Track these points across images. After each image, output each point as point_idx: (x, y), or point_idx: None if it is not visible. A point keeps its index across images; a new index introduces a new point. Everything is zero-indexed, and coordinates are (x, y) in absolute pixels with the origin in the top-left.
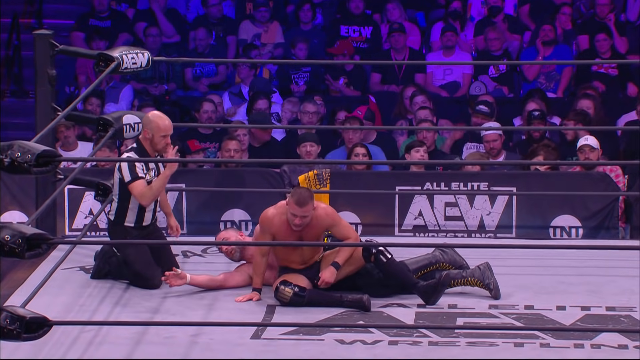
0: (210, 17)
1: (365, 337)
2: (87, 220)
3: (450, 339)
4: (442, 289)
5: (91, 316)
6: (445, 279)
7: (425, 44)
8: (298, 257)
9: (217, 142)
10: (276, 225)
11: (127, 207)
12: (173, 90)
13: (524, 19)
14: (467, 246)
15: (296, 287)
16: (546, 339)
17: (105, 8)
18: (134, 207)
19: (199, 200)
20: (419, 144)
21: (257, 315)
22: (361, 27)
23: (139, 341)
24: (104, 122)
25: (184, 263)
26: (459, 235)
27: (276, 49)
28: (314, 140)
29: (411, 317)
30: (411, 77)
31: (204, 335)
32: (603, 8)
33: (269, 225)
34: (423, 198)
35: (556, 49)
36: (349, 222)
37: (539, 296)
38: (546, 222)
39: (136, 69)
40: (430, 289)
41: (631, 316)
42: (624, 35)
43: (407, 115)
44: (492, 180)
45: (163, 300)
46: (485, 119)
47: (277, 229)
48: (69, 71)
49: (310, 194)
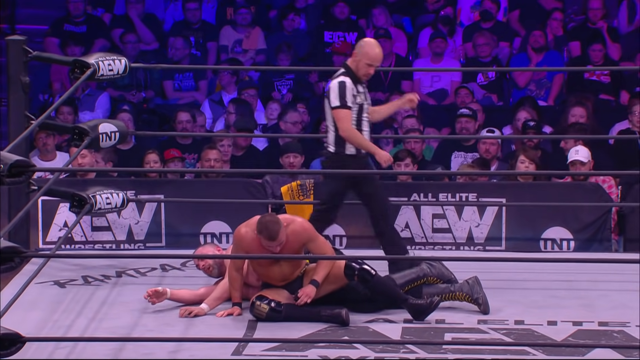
0: (189, 23)
1: (350, 353)
2: (61, 233)
3: (438, 355)
4: (430, 312)
5: (66, 332)
6: (435, 305)
7: (412, 50)
8: (278, 273)
9: (197, 153)
10: (249, 243)
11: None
12: (151, 98)
13: (513, 24)
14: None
15: (272, 302)
16: (537, 355)
17: (81, 13)
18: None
19: (178, 212)
20: (406, 154)
21: (238, 331)
22: (346, 32)
23: (116, 357)
24: (79, 131)
25: (163, 277)
26: (447, 248)
27: (258, 55)
28: (297, 151)
29: (398, 333)
30: (397, 84)
31: (184, 351)
32: (596, 13)
33: (242, 243)
34: (410, 209)
35: (547, 56)
36: (334, 234)
37: (530, 311)
38: (537, 234)
39: (113, 76)
40: (419, 308)
41: (624, 331)
42: (616, 42)
43: (393, 124)
44: (481, 191)
45: (141, 315)
46: (470, 121)
47: (250, 247)
48: (43, 78)
49: (275, 219)
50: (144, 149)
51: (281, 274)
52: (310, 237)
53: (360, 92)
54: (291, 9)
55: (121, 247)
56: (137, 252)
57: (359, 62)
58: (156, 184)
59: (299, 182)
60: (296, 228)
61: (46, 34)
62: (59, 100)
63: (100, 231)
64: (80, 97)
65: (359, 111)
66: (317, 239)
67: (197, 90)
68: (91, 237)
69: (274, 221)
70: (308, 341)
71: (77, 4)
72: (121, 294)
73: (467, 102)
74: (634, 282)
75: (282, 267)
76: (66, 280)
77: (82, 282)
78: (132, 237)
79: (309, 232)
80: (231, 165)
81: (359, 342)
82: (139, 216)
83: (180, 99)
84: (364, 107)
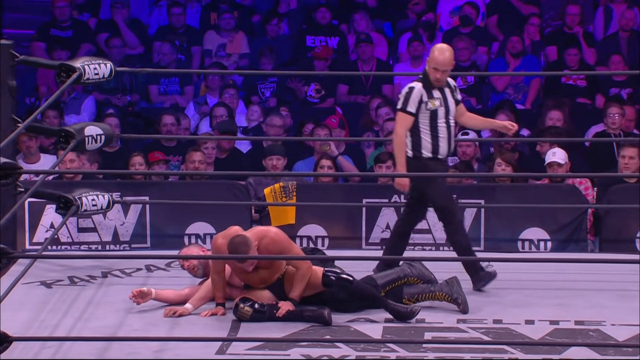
0: (174, 28)
1: (332, 352)
2: (48, 234)
3: (418, 353)
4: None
5: (52, 332)
6: (414, 314)
7: (392, 55)
8: (257, 278)
9: (181, 155)
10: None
11: (419, 138)
12: (137, 101)
13: (492, 29)
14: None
15: (256, 304)
16: (515, 354)
17: (67, 18)
18: (426, 137)
19: (163, 213)
20: (387, 156)
21: (222, 330)
22: (328, 37)
23: (101, 357)
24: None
25: (148, 277)
26: (427, 249)
27: (242, 59)
28: (280, 153)
29: (379, 332)
30: (378, 88)
31: (169, 351)
32: (573, 18)
33: (218, 253)
34: (390, 210)
35: (524, 60)
36: (316, 235)
37: (508, 310)
38: (515, 235)
39: (98, 79)
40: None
41: (600, 330)
42: (592, 47)
43: (374, 126)
44: (460, 193)
45: (126, 315)
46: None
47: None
48: (29, 82)
49: (244, 240)
50: (129, 152)
51: (260, 278)
52: (283, 248)
53: (434, 97)
54: (274, 14)
55: (107, 248)
56: (123, 252)
57: (428, 67)
58: (141, 186)
59: (282, 184)
60: (269, 242)
61: (33, 38)
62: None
63: (86, 232)
64: (66, 101)
65: (431, 117)
66: (290, 250)
67: (182, 95)
68: (77, 238)
69: (242, 242)
70: (291, 340)
71: (63, 9)
72: (107, 294)
73: None
74: (609, 282)
75: (260, 273)
76: (52, 281)
77: (68, 283)
78: (117, 238)
79: (281, 243)
80: (215, 168)
81: (341, 341)
82: (125, 217)
83: (165, 103)
84: (438, 112)
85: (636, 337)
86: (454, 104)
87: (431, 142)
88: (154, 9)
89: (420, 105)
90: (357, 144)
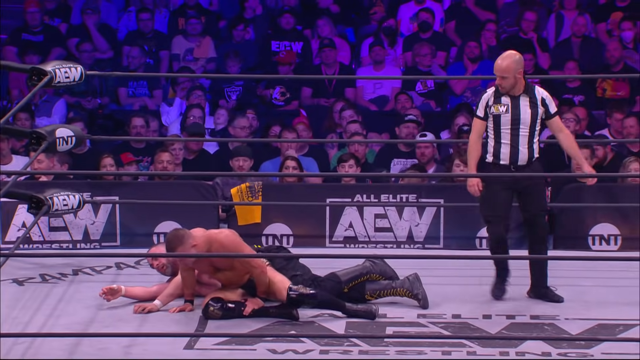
0: (142, 33)
1: (297, 346)
2: (20, 233)
3: (380, 347)
4: (367, 318)
5: (24, 328)
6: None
7: (355, 59)
8: (224, 279)
9: (150, 156)
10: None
11: (487, 142)
12: (107, 104)
13: (450, 35)
14: (396, 257)
15: (226, 304)
16: (473, 347)
17: (38, 23)
18: (490, 142)
19: (132, 212)
20: (350, 157)
21: (190, 326)
22: (292, 42)
23: (72, 352)
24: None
25: (118, 275)
26: (389, 246)
27: (209, 63)
28: (246, 154)
29: (342, 327)
30: (342, 92)
31: (138, 346)
32: (528, 24)
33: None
34: (353, 210)
35: (482, 65)
36: (281, 233)
37: (466, 305)
38: (473, 233)
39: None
40: (357, 314)
41: (554, 324)
42: (546, 52)
43: (337, 129)
44: (420, 192)
45: (96, 311)
46: (416, 127)
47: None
48: (1, 85)
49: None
50: (99, 153)
51: (227, 279)
52: (232, 251)
53: (502, 103)
54: (240, 19)
55: (78, 246)
56: (93, 251)
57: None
58: (111, 186)
59: (248, 184)
60: (218, 247)
61: (5, 43)
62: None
63: (57, 231)
64: (37, 103)
65: (495, 121)
66: (243, 250)
67: (151, 98)
68: (49, 237)
69: (174, 236)
70: (257, 336)
71: (34, 14)
72: (78, 291)
73: (407, 107)
74: (563, 278)
75: (226, 275)
76: (24, 279)
77: (40, 280)
78: (88, 237)
79: (229, 248)
80: (183, 168)
81: (305, 336)
82: (95, 217)
83: (134, 105)
84: (502, 118)
85: (589, 331)
86: (532, 114)
87: (494, 146)
88: (123, 15)
89: (486, 109)
90: (320, 145)
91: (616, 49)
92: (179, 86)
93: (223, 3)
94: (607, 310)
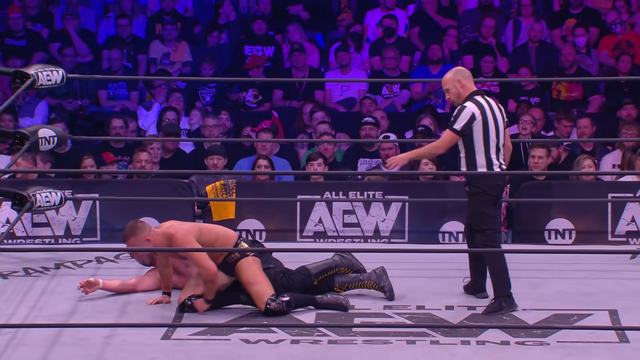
0: (121, 38)
1: (269, 336)
2: (4, 229)
3: (348, 337)
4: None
5: (8, 319)
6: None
7: (324, 63)
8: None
9: (129, 156)
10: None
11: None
12: (87, 105)
13: (414, 40)
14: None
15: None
16: (436, 337)
17: (21, 28)
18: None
19: (112, 209)
20: (319, 156)
21: (167, 317)
22: (264, 47)
23: (54, 342)
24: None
25: (98, 269)
26: (356, 241)
27: (184, 66)
28: (221, 153)
29: (312, 318)
30: (311, 94)
31: (117, 336)
32: (488, 30)
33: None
34: (323, 206)
35: (444, 68)
36: (254, 228)
37: (430, 297)
38: (436, 227)
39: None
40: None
41: (512, 315)
42: (504, 56)
43: (307, 129)
44: (386, 189)
45: (77, 303)
46: (373, 128)
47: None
48: None
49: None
50: (80, 153)
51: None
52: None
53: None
54: (214, 25)
55: (59, 241)
56: (74, 245)
57: None
58: (91, 184)
59: (223, 182)
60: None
61: None
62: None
63: (40, 227)
64: (21, 105)
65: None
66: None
67: (129, 99)
68: (32, 232)
69: (131, 227)
70: (231, 326)
71: (17, 20)
72: (59, 284)
73: (373, 109)
74: (521, 271)
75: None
76: (8, 272)
77: (23, 274)
78: (69, 232)
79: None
80: (160, 167)
81: (277, 326)
82: (76, 213)
83: (114, 107)
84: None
85: (544, 321)
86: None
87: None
88: (103, 20)
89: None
90: (291, 145)
91: (570, 54)
92: (156, 89)
93: (198, 9)
94: (562, 300)
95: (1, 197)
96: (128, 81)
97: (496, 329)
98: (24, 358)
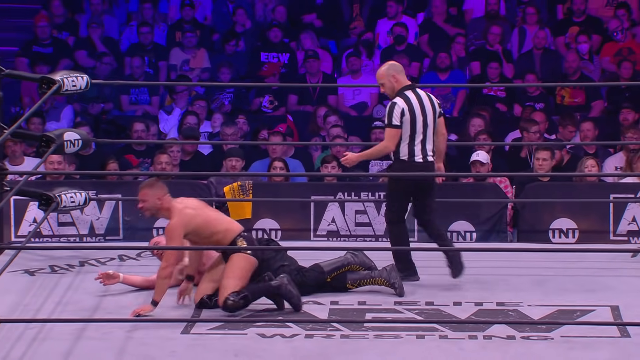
0: (143, 45)
1: (284, 331)
2: (31, 228)
3: (360, 332)
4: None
5: (35, 314)
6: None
7: (337, 69)
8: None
9: (150, 158)
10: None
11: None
12: (110, 110)
13: (423, 47)
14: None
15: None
16: (444, 331)
17: (48, 36)
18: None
19: (134, 209)
20: (332, 158)
21: (186, 312)
22: (279, 53)
23: (79, 337)
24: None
25: (120, 266)
26: (368, 240)
27: (203, 72)
28: (239, 155)
29: (325, 313)
30: (324, 99)
31: (139, 331)
32: (494, 37)
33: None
34: (336, 206)
35: (452, 74)
36: (270, 228)
37: (438, 293)
38: (444, 227)
39: (76, 91)
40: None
41: (518, 310)
42: (510, 62)
43: (320, 132)
44: None
45: (101, 299)
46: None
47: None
48: (14, 93)
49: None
50: (103, 155)
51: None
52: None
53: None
54: (232, 33)
55: (84, 240)
56: (98, 244)
57: None
58: (114, 185)
59: (240, 183)
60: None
61: (17, 54)
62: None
63: (65, 226)
64: (47, 109)
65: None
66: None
67: (150, 104)
68: (57, 231)
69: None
70: (247, 321)
71: (44, 28)
72: (84, 281)
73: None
74: (526, 268)
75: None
76: (35, 269)
77: (50, 271)
78: (93, 231)
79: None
80: (180, 169)
81: (292, 322)
82: (100, 213)
83: (136, 111)
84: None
85: (549, 316)
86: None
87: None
88: (126, 28)
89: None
90: (305, 147)
91: (574, 60)
92: (177, 95)
93: (216, 18)
94: (565, 297)
95: (28, 198)
96: (149, 87)
97: (502, 324)
98: (50, 351)
